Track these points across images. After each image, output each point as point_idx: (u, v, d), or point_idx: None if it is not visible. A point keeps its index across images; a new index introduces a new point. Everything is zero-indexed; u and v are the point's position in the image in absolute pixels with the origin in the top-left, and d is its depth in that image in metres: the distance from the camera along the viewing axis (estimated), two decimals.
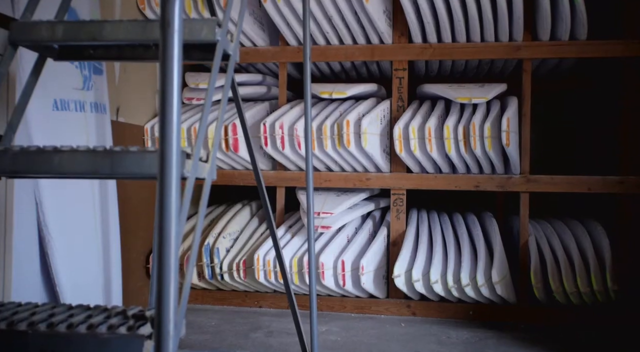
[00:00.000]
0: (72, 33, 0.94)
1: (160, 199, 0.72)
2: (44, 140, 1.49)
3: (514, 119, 2.30)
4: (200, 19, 0.94)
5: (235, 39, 1.02)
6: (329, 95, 2.44)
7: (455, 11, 2.31)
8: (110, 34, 0.93)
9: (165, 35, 0.71)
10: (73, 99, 1.65)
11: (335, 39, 2.55)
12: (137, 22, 0.95)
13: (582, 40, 2.38)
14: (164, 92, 0.72)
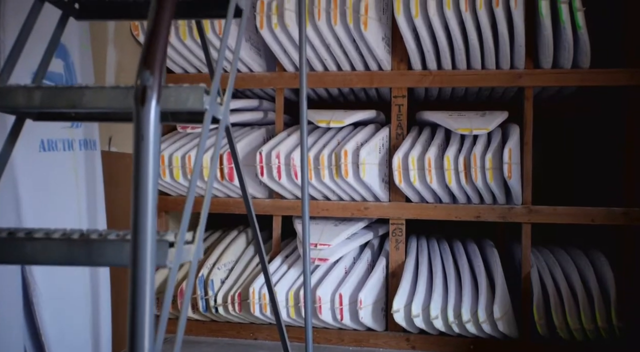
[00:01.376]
0: (50, 100, 0.88)
1: (132, 302, 0.67)
2: (30, 184, 1.44)
3: (515, 150, 2.25)
4: (188, 87, 0.88)
5: (225, 102, 0.96)
6: (327, 124, 2.38)
7: (455, 40, 2.26)
8: (91, 102, 0.87)
9: (138, 148, 0.66)
10: (61, 138, 1.59)
11: (333, 65, 2.50)
12: (119, 90, 0.89)
13: (584, 68, 2.34)
14: (138, 204, 0.66)
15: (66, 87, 0.89)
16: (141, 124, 0.68)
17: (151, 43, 0.72)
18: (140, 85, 0.72)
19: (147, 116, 0.68)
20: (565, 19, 2.12)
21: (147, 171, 0.65)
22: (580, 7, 2.13)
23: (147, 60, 0.71)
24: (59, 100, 0.87)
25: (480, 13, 2.14)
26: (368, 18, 2.23)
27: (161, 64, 0.72)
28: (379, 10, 2.32)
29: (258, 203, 2.55)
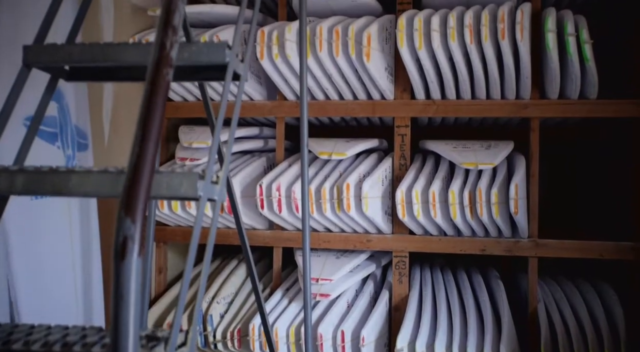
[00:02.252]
0: (34, 185, 0.83)
1: None
2: (21, 235, 1.39)
3: (522, 185, 2.20)
4: (181, 173, 0.83)
5: (221, 181, 0.91)
6: (328, 157, 2.33)
7: (460, 71, 2.21)
8: (77, 187, 0.81)
9: (117, 308, 0.59)
10: None
11: (335, 94, 2.45)
12: (107, 174, 0.84)
13: (592, 99, 2.28)
14: None
15: (51, 171, 0.84)
16: (120, 282, 0.62)
17: (133, 183, 0.67)
18: (121, 237, 0.66)
19: (127, 273, 0.62)
20: (572, 51, 2.07)
21: (127, 337, 0.59)
22: (587, 39, 2.08)
23: (128, 206, 0.65)
24: (43, 185, 0.83)
25: (486, 45, 2.09)
26: (371, 49, 2.18)
27: (144, 209, 0.66)
28: (381, 40, 2.27)
29: (258, 234, 2.50)
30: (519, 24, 2.06)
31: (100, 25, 2.23)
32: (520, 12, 2.07)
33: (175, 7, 0.77)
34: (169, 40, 0.76)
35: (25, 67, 1.12)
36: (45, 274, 1.48)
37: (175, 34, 0.78)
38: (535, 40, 2.21)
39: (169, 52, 0.76)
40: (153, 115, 0.74)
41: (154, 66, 0.76)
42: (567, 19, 2.09)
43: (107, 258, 2.07)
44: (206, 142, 2.39)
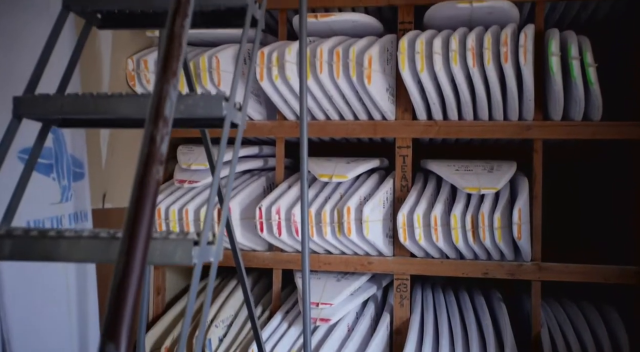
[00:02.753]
0: (22, 251, 0.81)
1: None
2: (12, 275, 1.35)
3: (525, 209, 2.17)
4: (174, 240, 0.81)
5: (217, 242, 0.89)
6: (329, 179, 2.30)
7: (462, 93, 2.18)
8: (66, 254, 0.79)
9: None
10: (49, 216, 1.51)
11: (335, 114, 2.42)
12: (98, 240, 0.81)
13: (596, 121, 2.25)
14: None
15: (40, 236, 0.81)
16: None
17: (117, 307, 0.63)
18: None
19: None
20: (576, 75, 2.05)
21: None
22: (592, 62, 2.05)
23: (111, 331, 0.61)
24: (31, 252, 0.80)
25: (489, 68, 2.06)
26: (372, 71, 2.15)
27: (128, 333, 0.63)
28: (383, 61, 2.24)
29: (257, 256, 2.47)
30: (522, 47, 2.03)
31: (98, 46, 2.20)
32: (523, 35, 2.04)
33: (167, 94, 0.74)
34: (159, 133, 0.73)
35: (16, 118, 1.10)
36: (40, 320, 1.45)
37: (167, 126, 0.75)
38: (539, 62, 2.18)
39: (159, 147, 0.72)
40: (140, 221, 0.69)
41: (142, 164, 0.72)
42: (570, 41, 2.06)
43: (104, 303, 2.04)
44: (205, 164, 2.36)
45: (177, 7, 0.81)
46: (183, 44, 0.80)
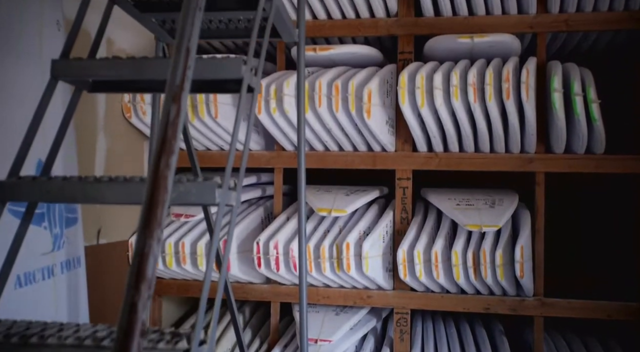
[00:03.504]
0: None
1: None
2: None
3: (527, 246, 2.13)
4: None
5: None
6: (328, 214, 2.26)
7: (463, 127, 2.15)
8: None
9: None
10: (40, 267, 1.47)
11: (334, 145, 2.39)
12: None
13: (599, 154, 2.22)
14: None
15: (20, 344, 0.77)
16: None
17: None
18: None
19: None
20: (579, 111, 2.01)
21: None
22: (595, 99, 2.02)
23: None
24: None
25: (490, 105, 2.03)
26: (371, 105, 2.11)
27: None
28: (382, 94, 2.21)
29: (255, 289, 2.43)
30: (524, 83, 1.99)
31: None
32: (525, 71, 2.01)
33: (150, 251, 0.69)
34: (140, 299, 0.68)
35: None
36: None
37: (149, 289, 0.71)
38: (541, 94, 2.15)
39: (140, 315, 0.67)
40: None
41: (120, 339, 0.67)
42: (573, 76, 2.03)
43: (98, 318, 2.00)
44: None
45: (163, 143, 0.77)
46: (169, 186, 0.76)
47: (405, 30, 2.35)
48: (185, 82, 0.81)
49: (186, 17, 0.79)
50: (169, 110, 0.77)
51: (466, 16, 2.30)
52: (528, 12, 2.26)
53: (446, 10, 2.30)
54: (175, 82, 0.80)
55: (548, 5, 2.24)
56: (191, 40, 0.81)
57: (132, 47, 2.36)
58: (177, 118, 0.78)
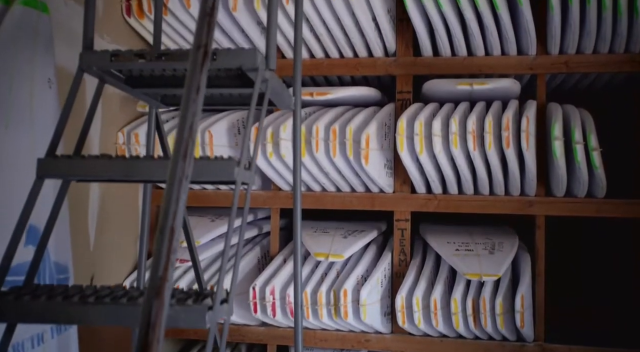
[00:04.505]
0: None
1: None
2: None
3: (528, 294, 2.10)
4: None
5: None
6: (325, 259, 2.22)
7: (462, 173, 2.12)
8: None
9: None
10: (29, 336, 1.43)
11: (332, 187, 2.35)
12: None
13: (600, 198, 2.19)
14: None
15: None
16: None
17: None
18: None
19: None
20: (580, 159, 1.98)
21: None
22: (596, 146, 1.99)
23: None
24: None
25: (490, 153, 2.00)
26: (369, 151, 2.08)
27: None
28: (380, 137, 2.18)
29: (251, 330, 2.39)
30: (525, 132, 1.97)
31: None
32: (525, 119, 1.98)
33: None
34: None
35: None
36: None
37: None
38: (541, 136, 2.12)
39: None
40: None
41: None
42: (574, 124, 2.00)
43: None
44: (198, 241, 2.29)
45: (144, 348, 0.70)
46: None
47: (404, 70, 2.33)
48: (167, 274, 0.75)
49: (170, 192, 0.74)
50: (150, 308, 0.70)
51: (465, 56, 2.27)
52: (528, 54, 2.24)
53: (445, 51, 2.27)
54: (158, 273, 0.74)
55: (548, 47, 2.22)
56: (176, 220, 0.76)
57: None
58: (159, 318, 0.72)
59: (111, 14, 2.24)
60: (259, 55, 1.08)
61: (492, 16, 2.08)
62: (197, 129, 0.80)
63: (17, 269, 1.41)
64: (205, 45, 0.76)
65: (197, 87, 0.76)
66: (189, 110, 0.76)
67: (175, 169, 0.77)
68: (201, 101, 0.77)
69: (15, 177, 1.39)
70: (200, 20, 0.76)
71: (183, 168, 0.78)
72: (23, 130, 1.43)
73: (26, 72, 1.47)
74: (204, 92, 0.78)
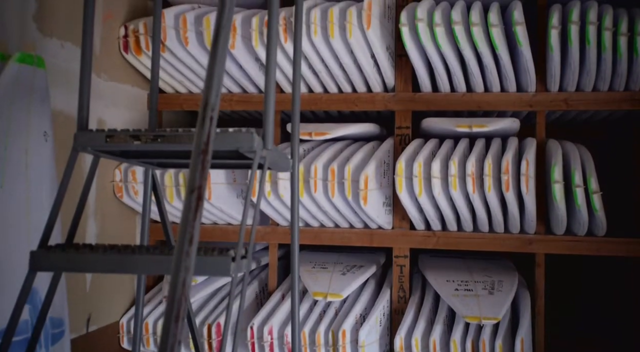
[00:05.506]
0: None
1: None
2: None
3: (528, 337, 2.08)
4: None
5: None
6: (324, 298, 2.21)
7: (462, 213, 2.11)
8: None
9: None
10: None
11: (330, 223, 2.34)
12: None
13: (599, 236, 2.18)
14: None
15: None
16: None
17: None
18: None
19: None
20: (580, 202, 1.97)
21: None
22: (596, 189, 1.98)
23: None
24: None
25: (490, 195, 1.99)
26: (368, 191, 2.07)
27: None
28: (379, 175, 2.17)
29: None
30: (524, 175, 1.96)
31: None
32: (525, 162, 1.97)
33: None
34: None
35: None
36: None
37: None
38: (540, 183, 2.11)
39: None
40: None
41: None
42: (574, 167, 1.99)
43: None
44: (195, 280, 2.27)
45: None
46: None
47: (403, 106, 2.32)
48: None
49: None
50: None
51: (464, 92, 2.26)
52: (527, 90, 2.23)
53: (444, 87, 2.26)
54: None
55: (547, 84, 2.21)
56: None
57: (125, 124, 2.32)
58: None
59: (108, 50, 2.23)
60: (255, 138, 1.06)
61: (491, 56, 2.08)
62: (190, 283, 0.78)
63: None
64: (199, 187, 0.73)
65: (190, 238, 0.73)
66: (181, 265, 0.73)
67: None
68: (194, 254, 0.74)
69: (10, 237, 1.37)
70: (194, 160, 0.71)
71: None
72: (18, 187, 1.42)
73: (22, 128, 1.45)
74: (197, 243, 0.75)
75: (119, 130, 1.04)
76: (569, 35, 1.98)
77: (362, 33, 2.08)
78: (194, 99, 2.49)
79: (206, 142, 0.70)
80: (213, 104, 0.74)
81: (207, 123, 0.71)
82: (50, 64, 1.83)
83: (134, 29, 2.24)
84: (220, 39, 0.83)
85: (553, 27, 2.00)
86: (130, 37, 2.25)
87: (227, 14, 0.86)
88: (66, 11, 1.91)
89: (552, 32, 2.01)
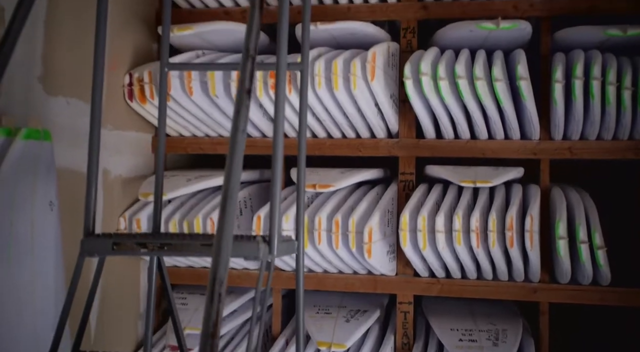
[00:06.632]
0: None
1: None
2: None
3: None
4: None
5: None
6: (328, 349, 2.21)
7: (466, 265, 2.11)
8: None
9: None
10: None
11: (333, 269, 2.34)
12: None
13: (604, 286, 2.18)
14: None
15: None
16: None
17: None
18: None
19: None
20: (585, 258, 1.97)
21: None
22: (601, 245, 1.98)
23: None
24: None
25: (494, 250, 1.99)
26: (372, 244, 2.07)
27: None
28: (383, 225, 2.17)
29: None
30: (528, 232, 1.96)
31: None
32: (529, 218, 1.97)
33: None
34: None
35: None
36: None
37: None
38: (545, 237, 2.11)
39: None
40: None
41: None
42: (578, 221, 1.99)
43: None
44: (198, 328, 2.28)
45: None
46: None
47: (406, 152, 2.32)
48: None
49: None
50: None
51: (468, 139, 2.26)
52: (531, 138, 2.23)
53: (448, 135, 2.26)
54: None
55: (551, 133, 2.21)
56: None
57: (130, 171, 2.33)
58: None
59: (113, 99, 2.23)
60: (261, 248, 1.07)
61: (496, 109, 2.08)
62: None
63: None
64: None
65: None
66: None
67: None
68: None
69: (13, 313, 1.38)
70: (203, 339, 0.67)
71: None
72: (24, 262, 1.42)
73: (27, 200, 1.46)
74: None
75: (125, 236, 1.05)
76: (572, 91, 1.99)
77: (366, 84, 2.09)
78: (199, 142, 2.49)
79: (215, 323, 0.69)
80: (221, 278, 0.72)
81: (216, 302, 0.69)
82: (56, 122, 1.84)
83: (139, 77, 2.25)
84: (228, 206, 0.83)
85: (557, 81, 2.00)
86: (135, 85, 2.26)
87: None
88: (72, 69, 1.92)
89: (556, 86, 2.01)
